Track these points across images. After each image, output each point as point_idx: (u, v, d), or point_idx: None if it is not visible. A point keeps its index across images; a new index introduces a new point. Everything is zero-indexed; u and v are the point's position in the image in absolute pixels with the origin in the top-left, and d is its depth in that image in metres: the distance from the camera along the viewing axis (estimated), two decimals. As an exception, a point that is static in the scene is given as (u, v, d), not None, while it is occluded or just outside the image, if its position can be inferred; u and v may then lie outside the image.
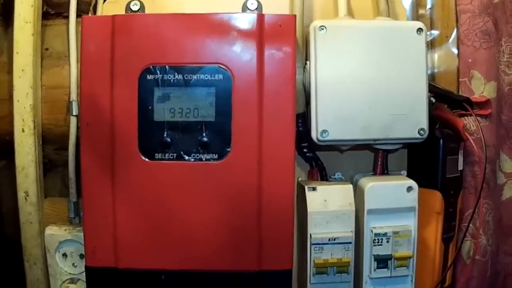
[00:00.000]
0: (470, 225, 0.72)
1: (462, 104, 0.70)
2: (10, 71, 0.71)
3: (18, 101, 0.70)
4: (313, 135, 0.64)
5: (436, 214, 0.69)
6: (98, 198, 0.64)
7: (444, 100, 0.71)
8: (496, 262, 0.73)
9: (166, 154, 0.63)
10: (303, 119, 0.67)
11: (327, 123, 0.64)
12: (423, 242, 0.69)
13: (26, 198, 0.70)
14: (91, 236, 0.64)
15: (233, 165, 0.63)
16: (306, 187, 0.65)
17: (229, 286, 0.64)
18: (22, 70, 0.70)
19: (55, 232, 0.70)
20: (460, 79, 0.73)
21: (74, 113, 0.69)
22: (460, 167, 0.71)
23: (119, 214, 0.63)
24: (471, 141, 0.70)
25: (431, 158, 0.69)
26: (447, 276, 0.71)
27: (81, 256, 0.69)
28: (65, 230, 0.70)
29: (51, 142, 0.72)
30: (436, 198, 0.69)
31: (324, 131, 0.64)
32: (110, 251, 0.64)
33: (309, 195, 0.65)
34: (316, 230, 0.65)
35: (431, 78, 0.73)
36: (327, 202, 0.65)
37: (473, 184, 0.72)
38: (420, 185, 0.66)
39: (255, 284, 0.64)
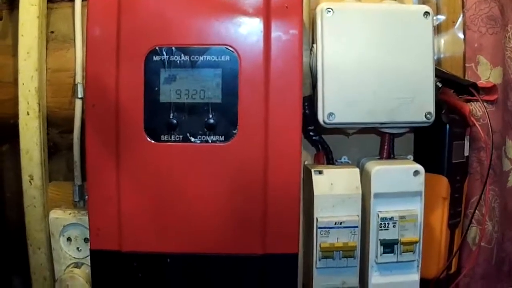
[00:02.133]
0: (476, 211, 0.71)
1: (469, 89, 0.70)
2: (15, 54, 0.70)
3: (23, 84, 0.69)
4: (320, 118, 0.64)
5: (442, 199, 0.69)
6: (102, 180, 0.63)
7: (450, 85, 0.71)
8: (502, 249, 0.72)
9: (172, 136, 0.63)
10: (310, 102, 0.66)
11: (333, 106, 0.64)
12: (429, 228, 0.69)
13: (30, 182, 0.70)
14: (96, 219, 0.64)
15: (239, 147, 0.62)
16: (312, 171, 0.65)
17: (234, 269, 0.64)
18: (27, 53, 0.70)
19: (59, 216, 0.69)
20: (466, 65, 0.73)
21: (79, 96, 0.68)
22: (466, 153, 0.71)
23: (123, 197, 0.63)
24: (478, 126, 0.70)
25: (437, 143, 0.69)
26: (452, 263, 0.71)
27: (86, 240, 0.69)
28: (70, 213, 0.69)
29: (55, 125, 0.72)
30: (442, 183, 0.68)
31: (331, 114, 0.64)
32: (115, 234, 0.63)
33: (316, 178, 0.65)
34: (322, 214, 0.64)
35: (437, 63, 0.73)
36: (334, 185, 0.65)
37: (479, 170, 0.72)
38: (426, 170, 0.66)
39: (260, 268, 0.63)
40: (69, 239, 0.70)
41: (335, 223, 0.64)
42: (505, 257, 0.72)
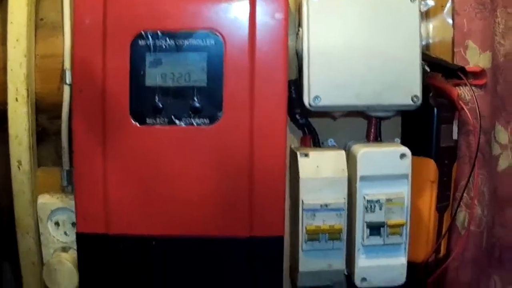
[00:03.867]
0: (465, 195, 0.71)
1: (457, 73, 0.70)
2: (4, 43, 0.71)
3: (11, 70, 0.70)
4: (305, 100, 0.64)
5: (430, 182, 0.68)
6: (89, 164, 0.64)
7: (438, 69, 0.70)
8: (492, 234, 0.72)
9: (157, 119, 0.63)
10: (296, 85, 0.66)
11: (319, 89, 0.64)
12: (417, 211, 0.68)
13: (19, 167, 0.70)
14: (82, 202, 0.64)
15: (225, 130, 0.63)
16: (298, 153, 0.65)
17: (220, 251, 0.64)
18: (17, 40, 0.70)
19: (47, 201, 0.70)
20: (454, 49, 0.73)
21: (67, 82, 0.69)
22: (455, 137, 0.71)
23: (110, 180, 0.63)
24: (466, 110, 0.69)
25: (425, 126, 0.68)
26: (441, 246, 0.71)
27: (73, 224, 0.69)
28: (57, 198, 0.70)
29: (44, 111, 0.72)
30: (430, 167, 0.68)
31: (317, 97, 0.64)
32: (101, 217, 0.64)
33: (301, 161, 0.65)
34: (308, 197, 0.64)
35: (426, 48, 0.73)
36: (320, 168, 0.65)
37: (468, 154, 0.72)
38: (414, 153, 0.66)
39: (246, 250, 0.64)
40: (57, 223, 0.70)
41: (321, 206, 0.64)
42: (495, 242, 0.72)
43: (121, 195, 0.64)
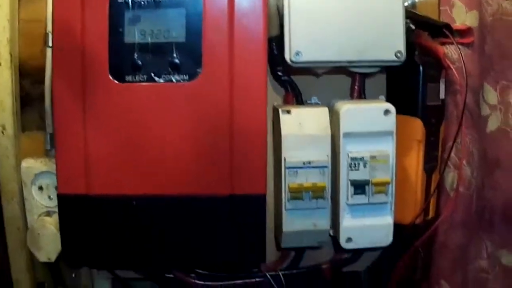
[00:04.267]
0: (454, 156, 0.69)
1: (443, 31, 0.68)
2: (-14, 8, 0.71)
3: (-5, 34, 0.70)
4: (287, 56, 0.63)
5: (417, 142, 0.67)
6: (69, 124, 0.63)
7: (424, 27, 0.69)
8: (482, 197, 0.70)
9: (137, 76, 0.62)
10: (278, 42, 0.65)
11: (300, 44, 0.63)
12: (403, 171, 0.67)
13: (3, 132, 0.70)
14: (63, 163, 0.64)
15: (204, 86, 0.62)
16: (280, 110, 0.64)
17: (202, 210, 0.63)
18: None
19: (31, 165, 0.69)
20: (441, 8, 0.72)
21: (49, 45, 0.68)
22: (442, 96, 0.70)
23: (90, 139, 0.63)
24: (453, 69, 0.68)
25: (410, 84, 0.67)
26: (430, 208, 0.69)
27: (57, 188, 0.68)
28: (41, 162, 0.69)
29: (28, 76, 0.72)
30: (417, 126, 0.67)
31: (298, 52, 0.63)
32: (82, 177, 0.63)
33: (283, 118, 0.64)
34: (290, 154, 0.63)
35: (412, 7, 0.72)
36: (302, 125, 0.64)
37: (455, 114, 0.71)
38: (400, 112, 0.64)
39: (228, 209, 0.63)
40: (40, 188, 0.69)
41: (304, 163, 0.63)
42: (485, 205, 0.70)
43: (101, 155, 0.63)
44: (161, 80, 0.62)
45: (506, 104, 0.69)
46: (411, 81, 0.67)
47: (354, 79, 0.68)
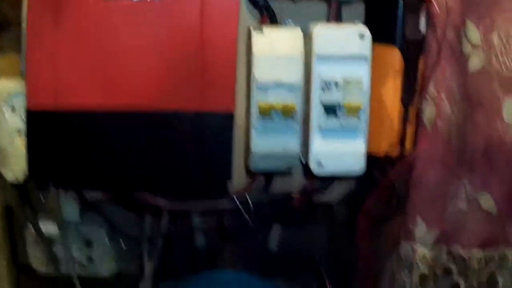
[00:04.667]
0: (433, 90, 0.68)
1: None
2: None
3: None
4: (260, -24, 0.63)
5: (394, 71, 0.66)
6: (40, 39, 0.63)
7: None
8: (463, 136, 0.68)
9: (109, -8, 0.62)
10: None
11: (275, -35, 0.62)
12: (379, 101, 0.66)
13: (-22, 55, 0.70)
14: (32, 78, 0.63)
15: (175, 2, 0.62)
16: (252, 29, 0.63)
17: (170, 126, 0.63)
18: None
19: (4, 85, 0.69)
20: None
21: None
22: (423, 30, 0.68)
23: (59, 54, 0.63)
24: (433, 1, 0.67)
25: (389, 13, 0.66)
26: (406, 142, 0.67)
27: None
28: (15, 83, 0.69)
29: (6, -1, 0.72)
30: (394, 55, 0.66)
31: (272, -27, 0.62)
32: (50, 93, 0.63)
33: (256, 37, 0.63)
34: (261, 74, 0.62)
35: None
36: (275, 45, 0.62)
37: (436, 49, 0.69)
38: (377, 40, 0.63)
39: (196, 125, 0.62)
40: (13, 109, 0.69)
41: (274, 82, 0.62)
42: (466, 146, 0.68)
43: (70, 70, 0.63)
44: (134, -3, 0.62)
45: (490, 45, 0.68)
46: (390, 9, 0.66)
47: (330, 5, 0.67)
